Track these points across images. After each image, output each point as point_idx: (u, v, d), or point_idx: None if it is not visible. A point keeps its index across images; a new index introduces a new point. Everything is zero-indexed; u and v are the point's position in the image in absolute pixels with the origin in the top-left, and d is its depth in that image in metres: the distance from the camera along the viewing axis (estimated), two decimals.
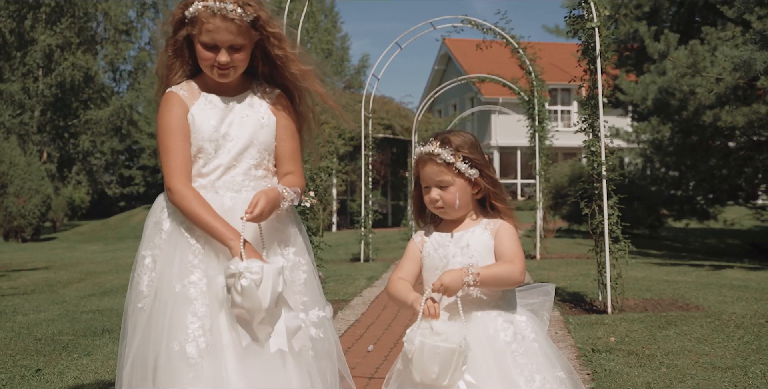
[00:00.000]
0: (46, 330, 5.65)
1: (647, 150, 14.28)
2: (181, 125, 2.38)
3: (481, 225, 2.36)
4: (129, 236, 23.89)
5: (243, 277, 2.14)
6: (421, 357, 2.11)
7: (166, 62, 2.46)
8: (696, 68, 10.31)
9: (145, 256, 2.35)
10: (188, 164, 2.37)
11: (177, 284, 2.27)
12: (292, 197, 2.36)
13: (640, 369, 4.06)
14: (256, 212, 2.22)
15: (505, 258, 2.28)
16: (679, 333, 4.95)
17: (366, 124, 11.83)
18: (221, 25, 2.30)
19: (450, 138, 2.33)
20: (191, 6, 2.32)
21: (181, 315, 2.24)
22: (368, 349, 4.84)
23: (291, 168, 2.48)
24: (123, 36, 34.31)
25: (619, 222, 6.18)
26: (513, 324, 2.27)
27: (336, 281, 8.27)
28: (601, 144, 6.22)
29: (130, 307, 2.34)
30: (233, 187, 2.38)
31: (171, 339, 2.22)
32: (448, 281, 2.17)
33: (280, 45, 2.43)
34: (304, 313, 2.36)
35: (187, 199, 2.31)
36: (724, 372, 3.91)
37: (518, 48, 11.17)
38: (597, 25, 6.28)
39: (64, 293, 8.51)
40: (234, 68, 2.38)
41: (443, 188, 2.32)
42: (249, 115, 2.44)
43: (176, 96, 2.41)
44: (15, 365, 4.43)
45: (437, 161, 2.30)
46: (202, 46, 2.34)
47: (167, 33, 2.44)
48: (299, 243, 2.46)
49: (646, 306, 6.27)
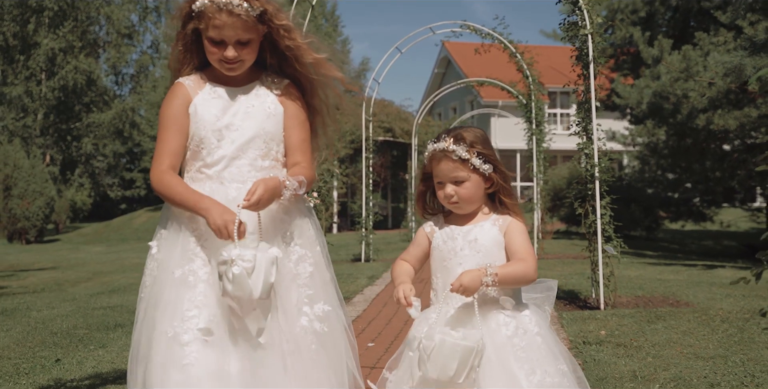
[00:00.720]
0: (61, 324, 5.88)
1: (643, 153, 14.54)
2: (178, 118, 2.39)
3: (490, 220, 2.38)
4: (132, 238, 24.10)
5: (235, 264, 2.11)
6: (441, 354, 2.12)
7: (177, 56, 2.47)
8: (689, 73, 10.57)
9: (152, 246, 2.38)
10: (175, 154, 2.37)
11: (177, 270, 2.27)
12: (294, 186, 2.31)
13: (628, 359, 4.30)
14: (253, 200, 2.19)
15: (517, 256, 2.30)
16: (666, 327, 5.18)
17: (367, 127, 12.08)
18: (227, 21, 2.29)
19: (463, 134, 2.34)
20: (198, 1, 2.32)
21: (178, 301, 2.23)
22: (368, 345, 5.07)
23: (299, 159, 2.45)
24: (125, 40, 34.54)
25: (612, 222, 6.42)
26: (515, 319, 2.29)
27: (338, 280, 8.44)
28: (594, 146, 6.45)
29: (138, 299, 2.39)
30: (239, 178, 2.36)
31: (164, 324, 2.21)
32: (468, 281, 2.19)
33: (290, 36, 2.41)
34: (308, 307, 2.34)
35: (163, 182, 2.31)
36: (705, 361, 4.15)
37: (516, 53, 11.42)
38: (590, 32, 6.51)
39: (73, 291, 8.74)
40: (242, 62, 2.38)
41: (458, 184, 2.34)
42: (255, 105, 2.43)
43: (181, 86, 2.43)
44: (35, 356, 4.66)
45: (452, 157, 2.32)
46: (209, 42, 2.35)
47: (176, 27, 2.44)
48: (308, 236, 2.42)
49: (637, 303, 6.50)
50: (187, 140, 2.40)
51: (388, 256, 12.35)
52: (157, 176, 2.34)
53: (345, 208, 24.37)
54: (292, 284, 2.33)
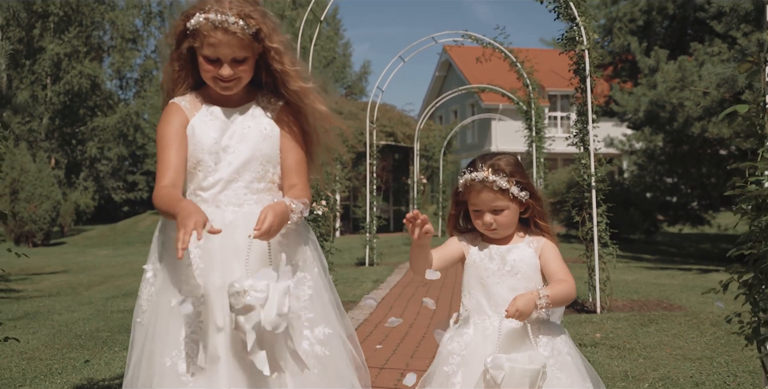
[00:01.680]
0: (84, 327, 6.18)
1: (640, 159, 14.88)
2: (177, 136, 2.35)
3: (525, 242, 2.43)
4: (137, 241, 24.40)
5: (248, 295, 2.07)
6: (512, 380, 2.18)
7: (171, 75, 2.43)
8: (684, 83, 10.90)
9: (147, 270, 2.35)
10: (176, 172, 2.33)
11: (173, 299, 2.23)
12: (300, 209, 2.28)
13: (620, 360, 4.60)
14: (264, 228, 2.13)
15: (557, 277, 2.36)
16: (658, 330, 5.48)
17: (371, 133, 12.39)
18: (223, 39, 2.26)
19: (500, 164, 2.37)
20: (192, 18, 2.29)
21: (175, 331, 2.22)
22: (376, 347, 5.36)
23: (295, 180, 2.41)
24: (129, 44, 34.97)
25: (608, 229, 6.73)
26: (552, 340, 2.36)
27: (344, 284, 8.79)
28: (591, 157, 6.76)
29: (133, 322, 2.37)
30: (235, 201, 2.33)
31: (164, 355, 2.20)
32: (522, 305, 2.22)
33: (280, 60, 2.38)
34: (308, 330, 2.31)
35: (157, 197, 2.26)
36: (693, 362, 4.45)
37: (516, 62, 11.74)
38: (587, 48, 6.81)
39: (88, 295, 9.05)
40: (237, 80, 2.35)
41: (497, 213, 2.38)
42: (251, 126, 2.40)
43: (177, 107, 2.39)
44: (64, 357, 4.96)
45: (493, 188, 2.35)
46: (205, 60, 2.32)
47: (170, 45, 2.41)
48: (306, 258, 2.40)
49: (632, 307, 6.81)
50: (186, 159, 2.36)
51: (391, 259, 12.66)
52: (155, 192, 2.30)
53: (347, 211, 24.65)
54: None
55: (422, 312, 6.77)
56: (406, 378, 2.52)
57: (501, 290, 2.36)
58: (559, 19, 6.98)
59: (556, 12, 6.98)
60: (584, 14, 6.78)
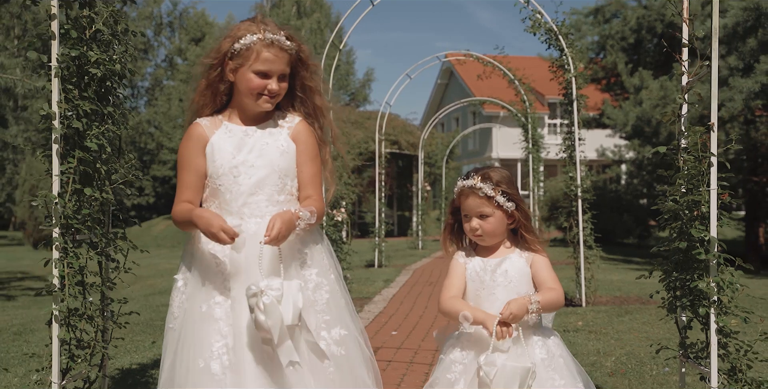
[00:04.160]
0: (138, 317, 7.12)
1: (630, 168, 15.88)
2: (193, 158, 2.51)
3: (516, 253, 2.58)
4: (152, 245, 25.29)
5: (265, 295, 2.22)
6: (504, 377, 2.30)
7: (203, 97, 2.57)
8: (666, 100, 11.87)
9: (178, 280, 2.53)
10: (193, 191, 2.51)
11: (203, 304, 2.40)
12: (307, 217, 2.40)
13: (596, 341, 5.56)
14: (273, 234, 2.28)
15: (546, 285, 2.51)
16: (631, 319, 6.44)
17: (379, 144, 13.39)
18: (279, 55, 2.44)
19: (490, 174, 2.54)
20: (242, 39, 2.44)
21: (206, 334, 2.37)
22: (392, 333, 6.32)
23: (310, 192, 2.54)
24: (140, 54, 35.99)
25: (593, 233, 7.70)
26: (546, 343, 2.50)
27: (358, 283, 9.77)
28: (577, 171, 7.74)
29: (166, 327, 2.53)
30: (258, 213, 2.45)
31: (196, 357, 2.35)
32: (516, 309, 2.37)
33: (311, 77, 2.59)
34: (326, 331, 2.46)
35: (175, 212, 2.48)
36: (654, 342, 5.38)
37: (515, 79, 12.72)
38: (574, 75, 7.77)
39: (125, 293, 9.97)
40: (278, 96, 2.51)
41: (483, 218, 2.54)
42: (269, 143, 2.52)
43: (198, 127, 2.53)
44: (133, 340, 5.93)
45: (479, 194, 2.52)
46: (255, 75, 2.45)
47: (207, 66, 2.53)
48: (322, 264, 2.54)
49: (614, 302, 7.77)
50: (204, 178, 2.51)
51: (398, 262, 13.68)
52: (174, 208, 2.50)
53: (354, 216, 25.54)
54: (310, 310, 2.44)
55: (429, 307, 7.74)
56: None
57: (495, 302, 2.50)
58: (550, 49, 7.95)
59: (547, 43, 7.95)
60: (571, 46, 7.75)
